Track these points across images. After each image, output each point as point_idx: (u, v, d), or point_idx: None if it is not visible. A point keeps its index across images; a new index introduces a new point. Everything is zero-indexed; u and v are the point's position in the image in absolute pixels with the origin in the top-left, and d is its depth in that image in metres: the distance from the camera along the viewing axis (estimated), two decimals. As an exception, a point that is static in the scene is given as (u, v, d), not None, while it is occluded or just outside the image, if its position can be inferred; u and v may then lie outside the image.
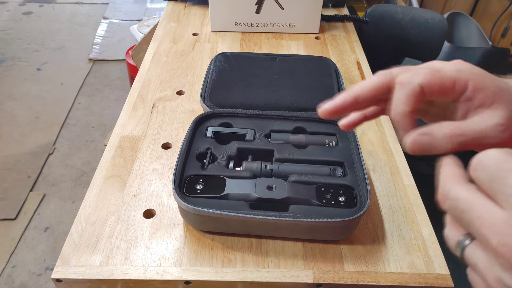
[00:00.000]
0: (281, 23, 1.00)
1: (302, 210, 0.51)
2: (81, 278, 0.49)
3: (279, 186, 0.50)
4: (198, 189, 0.51)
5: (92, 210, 0.56)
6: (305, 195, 0.49)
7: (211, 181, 0.51)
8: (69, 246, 0.52)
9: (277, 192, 0.49)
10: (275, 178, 0.51)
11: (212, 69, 0.78)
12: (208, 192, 0.50)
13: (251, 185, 0.50)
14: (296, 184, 0.51)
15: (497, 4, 1.43)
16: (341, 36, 1.01)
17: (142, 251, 0.52)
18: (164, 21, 1.05)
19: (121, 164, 0.63)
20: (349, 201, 0.50)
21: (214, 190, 0.50)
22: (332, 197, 0.50)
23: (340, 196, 0.51)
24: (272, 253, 0.52)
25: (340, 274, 0.50)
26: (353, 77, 0.86)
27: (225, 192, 0.50)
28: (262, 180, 0.51)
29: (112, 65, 2.33)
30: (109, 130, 1.85)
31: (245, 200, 0.50)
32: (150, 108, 0.75)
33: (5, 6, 2.88)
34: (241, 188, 0.50)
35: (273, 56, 0.82)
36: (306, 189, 0.50)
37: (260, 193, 0.49)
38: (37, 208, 1.53)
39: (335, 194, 0.51)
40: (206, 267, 0.50)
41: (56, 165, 1.71)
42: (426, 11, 1.13)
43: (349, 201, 0.50)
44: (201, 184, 0.51)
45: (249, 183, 0.50)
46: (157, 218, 0.56)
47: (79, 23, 2.74)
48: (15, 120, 1.92)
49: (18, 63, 2.31)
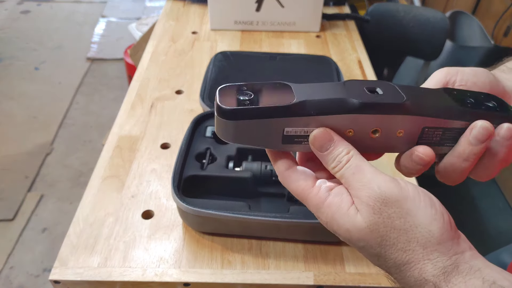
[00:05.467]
0: (282, 21, 0.99)
1: (302, 211, 0.50)
2: (79, 279, 0.48)
3: (386, 89, 0.28)
4: (246, 100, 0.27)
5: (90, 211, 0.56)
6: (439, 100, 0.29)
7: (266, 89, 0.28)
8: (67, 247, 0.51)
9: (387, 95, 0.27)
10: (376, 80, 0.30)
11: (211, 68, 0.77)
12: (268, 105, 0.27)
13: (338, 88, 0.28)
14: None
15: (499, 3, 1.42)
16: (342, 35, 1.00)
17: (140, 252, 0.51)
18: (163, 20, 1.04)
19: (119, 164, 0.63)
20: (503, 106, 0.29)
21: (278, 99, 0.27)
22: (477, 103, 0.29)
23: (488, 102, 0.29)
24: (273, 255, 0.51)
25: (341, 275, 0.49)
26: (354, 76, 0.85)
27: (297, 100, 0.26)
28: (352, 83, 0.28)
29: (110, 64, 2.32)
30: (107, 130, 1.84)
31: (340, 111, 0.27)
32: (148, 108, 0.74)
33: (3, 4, 2.87)
34: (322, 93, 0.27)
35: (273, 55, 0.81)
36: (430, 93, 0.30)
37: (363, 97, 0.27)
38: (34, 209, 1.52)
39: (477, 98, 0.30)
40: (206, 269, 0.49)
41: (54, 165, 1.69)
42: (427, 10, 1.12)
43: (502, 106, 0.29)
44: (247, 93, 0.27)
45: (333, 88, 0.28)
46: (156, 219, 0.55)
47: (77, 21, 2.73)
48: (13, 120, 1.91)
49: (16, 62, 2.30)
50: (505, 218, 1.14)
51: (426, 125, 0.27)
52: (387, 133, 0.28)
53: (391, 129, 0.28)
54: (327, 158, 0.28)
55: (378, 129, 0.28)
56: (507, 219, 1.14)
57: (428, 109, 0.27)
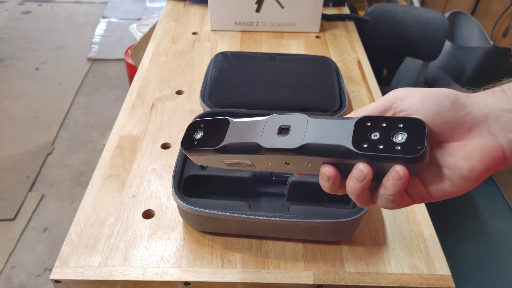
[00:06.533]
0: (281, 22, 0.99)
1: (302, 211, 0.50)
2: (80, 279, 0.48)
3: (297, 127, 0.33)
4: (196, 139, 0.37)
5: (91, 211, 0.56)
6: (334, 138, 0.31)
7: (213, 126, 0.37)
8: (68, 247, 0.51)
9: (291, 138, 0.32)
10: (295, 114, 0.34)
11: (211, 68, 0.78)
12: (205, 145, 0.36)
13: (258, 129, 0.34)
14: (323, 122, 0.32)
15: (498, 4, 1.43)
16: (342, 35, 1.01)
17: (141, 252, 0.51)
18: (164, 20, 1.04)
19: (120, 164, 0.63)
20: (413, 141, 0.28)
21: (213, 140, 0.36)
22: (382, 137, 0.29)
23: (398, 133, 0.29)
24: (272, 254, 0.52)
25: (340, 275, 0.49)
26: (353, 76, 0.86)
27: (223, 144, 0.35)
28: (274, 119, 0.34)
29: (111, 65, 2.33)
30: (108, 130, 1.84)
31: (248, 152, 0.34)
32: (149, 108, 0.74)
33: (4, 5, 2.87)
34: (244, 135, 0.35)
35: (273, 56, 0.82)
36: (337, 126, 0.31)
37: (267, 141, 0.33)
38: (35, 209, 1.52)
39: (388, 131, 0.29)
40: (206, 268, 0.50)
41: (55, 165, 1.70)
42: (427, 11, 1.12)
43: (413, 141, 0.28)
44: (201, 131, 0.38)
45: (257, 126, 0.35)
46: (156, 219, 0.55)
47: (78, 22, 2.73)
48: (14, 120, 1.91)
49: (17, 63, 2.30)
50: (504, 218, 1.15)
51: (324, 161, 0.32)
52: (296, 165, 0.34)
53: (298, 163, 0.33)
54: None
55: (288, 162, 0.33)
56: (506, 219, 1.14)
57: (320, 151, 0.31)
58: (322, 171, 0.31)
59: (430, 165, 0.30)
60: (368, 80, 0.84)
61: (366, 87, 0.82)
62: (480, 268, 1.10)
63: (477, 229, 1.18)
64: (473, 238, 1.17)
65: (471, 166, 0.28)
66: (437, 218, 0.62)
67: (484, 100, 0.29)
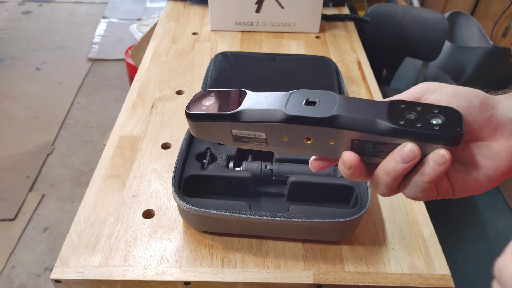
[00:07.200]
0: (281, 22, 0.99)
1: (302, 211, 0.51)
2: (80, 278, 0.48)
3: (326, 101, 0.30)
4: (205, 104, 0.33)
5: (91, 211, 0.56)
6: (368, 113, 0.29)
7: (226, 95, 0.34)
8: (68, 247, 0.52)
9: (320, 109, 0.30)
10: (322, 91, 0.32)
11: (211, 68, 0.78)
12: (216, 110, 0.32)
13: (281, 100, 0.31)
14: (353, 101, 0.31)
15: (498, 4, 1.43)
16: (342, 36, 1.01)
17: (141, 251, 0.51)
18: (164, 21, 1.04)
19: (120, 164, 0.63)
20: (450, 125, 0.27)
21: (226, 106, 0.32)
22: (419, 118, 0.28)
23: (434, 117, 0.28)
24: (272, 254, 0.52)
25: (340, 274, 0.50)
26: (353, 76, 0.86)
27: (239, 109, 0.31)
28: (299, 93, 0.32)
29: (111, 65, 2.33)
30: (108, 130, 1.84)
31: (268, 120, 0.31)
32: (149, 108, 0.74)
33: (4, 5, 2.88)
34: (264, 104, 0.31)
35: (273, 56, 0.82)
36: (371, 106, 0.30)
37: (292, 110, 0.30)
38: (36, 208, 1.52)
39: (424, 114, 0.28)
40: (206, 268, 0.50)
41: (55, 165, 1.70)
42: (426, 11, 1.12)
43: (450, 124, 0.27)
44: (212, 98, 0.33)
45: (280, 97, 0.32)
46: (157, 219, 0.55)
47: (78, 22, 2.74)
48: (14, 120, 1.91)
49: (17, 63, 2.30)
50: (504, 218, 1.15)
51: (353, 138, 0.29)
52: (318, 141, 0.30)
53: (322, 138, 0.30)
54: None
55: (310, 137, 0.30)
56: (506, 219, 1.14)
57: (354, 124, 0.28)
58: (343, 158, 0.29)
59: (456, 162, 0.30)
60: (368, 80, 0.84)
61: (366, 87, 0.82)
62: (480, 268, 1.10)
63: (477, 229, 1.18)
64: (473, 238, 1.17)
65: (496, 165, 0.28)
66: (437, 218, 0.62)
67: (508, 103, 0.30)
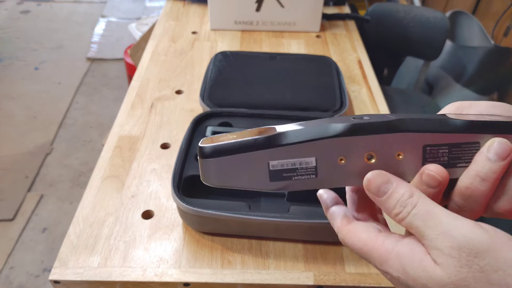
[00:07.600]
0: (282, 21, 0.99)
1: (302, 211, 0.50)
2: (79, 279, 0.48)
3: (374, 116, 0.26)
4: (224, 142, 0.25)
5: (90, 211, 0.56)
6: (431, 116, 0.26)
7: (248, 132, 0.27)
8: (67, 247, 0.51)
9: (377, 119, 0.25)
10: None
11: (211, 68, 0.77)
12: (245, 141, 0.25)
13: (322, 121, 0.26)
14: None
15: (499, 3, 1.42)
16: (342, 35, 1.00)
17: (140, 252, 0.51)
18: (163, 20, 1.04)
19: (119, 164, 0.63)
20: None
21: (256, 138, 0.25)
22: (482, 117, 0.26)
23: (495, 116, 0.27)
24: (272, 255, 0.51)
25: (341, 276, 0.49)
26: (354, 76, 0.85)
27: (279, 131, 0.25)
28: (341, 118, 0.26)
29: (110, 64, 2.32)
30: (107, 130, 1.84)
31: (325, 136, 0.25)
32: (148, 108, 0.74)
33: (3, 5, 2.87)
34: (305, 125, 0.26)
35: (273, 55, 0.81)
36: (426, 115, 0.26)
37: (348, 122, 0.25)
38: (34, 209, 1.52)
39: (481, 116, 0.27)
40: (206, 269, 0.49)
41: (54, 165, 1.69)
42: (427, 10, 1.12)
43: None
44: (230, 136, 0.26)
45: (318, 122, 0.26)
46: (156, 219, 0.55)
47: (77, 21, 2.73)
48: (13, 120, 1.91)
49: (16, 63, 2.30)
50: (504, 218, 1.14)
51: (426, 143, 0.24)
52: (383, 157, 0.25)
53: (387, 152, 0.25)
54: (386, 204, 0.25)
55: (372, 154, 0.25)
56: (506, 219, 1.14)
57: (423, 124, 0.24)
58: (428, 172, 0.24)
59: None
60: (369, 80, 0.84)
61: (367, 87, 0.82)
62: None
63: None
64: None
65: None
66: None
67: None
